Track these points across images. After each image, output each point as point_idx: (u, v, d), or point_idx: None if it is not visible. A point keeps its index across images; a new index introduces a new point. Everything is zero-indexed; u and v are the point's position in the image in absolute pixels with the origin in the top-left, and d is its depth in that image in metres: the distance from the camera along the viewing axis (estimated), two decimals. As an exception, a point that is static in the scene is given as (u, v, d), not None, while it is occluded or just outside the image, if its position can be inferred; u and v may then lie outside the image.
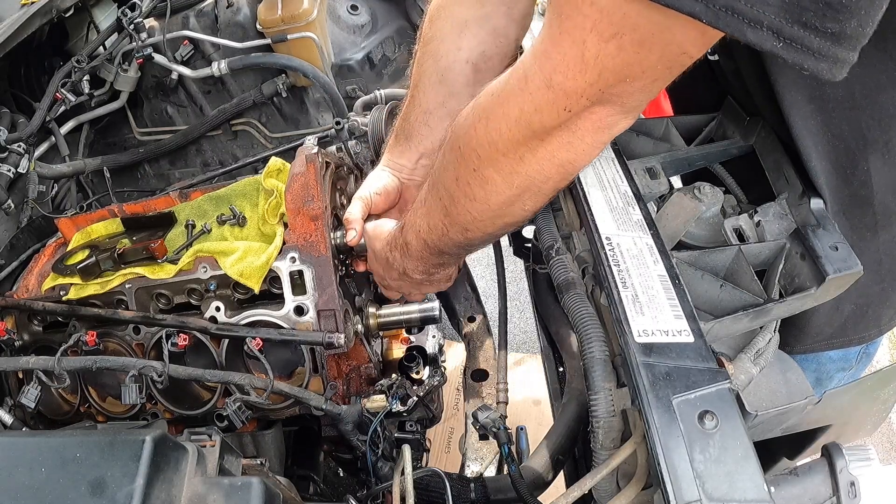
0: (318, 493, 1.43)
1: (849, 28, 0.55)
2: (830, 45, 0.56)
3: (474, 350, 1.61)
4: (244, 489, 0.74)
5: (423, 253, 1.02)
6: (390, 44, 2.14)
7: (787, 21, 0.55)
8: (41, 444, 0.74)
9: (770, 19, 0.55)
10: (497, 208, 0.87)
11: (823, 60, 0.56)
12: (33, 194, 1.66)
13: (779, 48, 0.56)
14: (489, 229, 0.92)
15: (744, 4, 0.55)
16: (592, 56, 0.65)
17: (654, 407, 0.71)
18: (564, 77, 0.69)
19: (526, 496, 1.00)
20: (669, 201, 0.99)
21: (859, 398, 0.98)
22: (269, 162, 1.27)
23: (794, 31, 0.55)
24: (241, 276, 1.17)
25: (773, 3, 0.54)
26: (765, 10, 0.55)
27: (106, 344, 1.25)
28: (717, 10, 0.56)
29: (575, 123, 0.74)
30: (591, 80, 0.67)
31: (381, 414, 1.16)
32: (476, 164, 0.83)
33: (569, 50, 0.67)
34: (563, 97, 0.70)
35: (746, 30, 0.56)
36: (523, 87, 0.73)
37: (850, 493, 0.80)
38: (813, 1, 0.54)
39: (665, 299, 0.82)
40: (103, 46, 2.00)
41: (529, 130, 0.76)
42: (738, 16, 0.55)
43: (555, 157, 0.78)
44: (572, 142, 0.76)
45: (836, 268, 0.92)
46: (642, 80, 0.67)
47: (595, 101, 0.70)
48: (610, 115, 0.73)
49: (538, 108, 0.73)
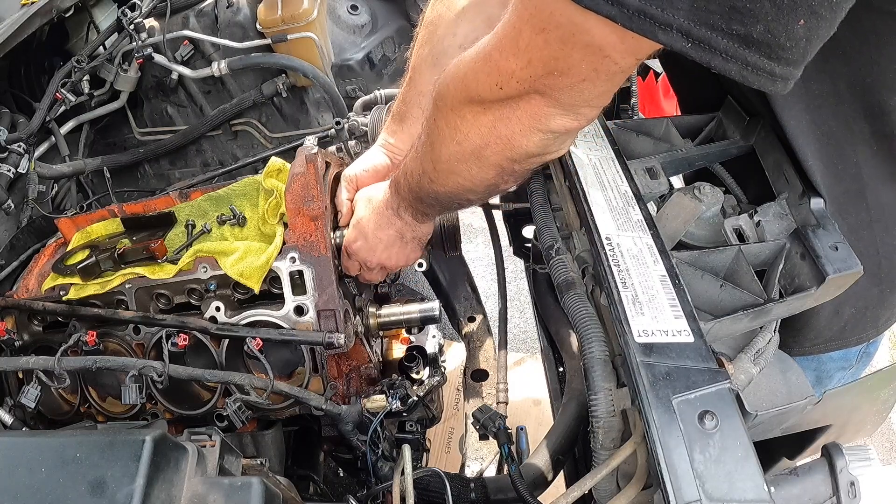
0: (318, 493, 1.43)
1: (755, 32, 0.58)
2: (737, 46, 0.60)
3: (474, 350, 1.61)
4: (244, 489, 0.74)
5: (408, 195, 1.07)
6: (390, 44, 2.14)
7: (694, 23, 0.59)
8: (41, 444, 0.74)
9: (679, 22, 0.59)
10: (446, 161, 0.93)
11: (732, 62, 0.61)
12: (33, 194, 1.66)
13: (687, 48, 0.60)
14: (447, 184, 0.97)
15: (655, 8, 0.59)
16: (525, 44, 0.72)
17: (654, 407, 0.71)
18: (500, 55, 0.76)
19: (526, 496, 1.00)
20: (669, 201, 0.99)
21: (859, 398, 0.98)
22: (269, 162, 1.28)
23: (702, 33, 0.59)
24: (241, 276, 1.17)
25: (683, 6, 0.58)
26: (674, 14, 0.59)
27: (106, 344, 1.25)
28: (631, 14, 0.60)
29: (514, 103, 0.80)
30: (521, 65, 0.74)
31: (381, 414, 1.16)
32: (434, 114, 0.91)
33: (509, 32, 0.74)
34: (496, 72, 0.77)
35: (658, 32, 0.60)
36: (474, 56, 0.81)
37: (850, 493, 0.80)
38: (720, 5, 0.57)
39: (665, 299, 0.82)
40: (103, 46, 2.00)
41: (466, 93, 0.83)
42: (650, 19, 0.60)
43: (494, 128, 0.84)
44: (510, 118, 0.82)
45: (836, 268, 0.92)
46: (569, 76, 0.72)
47: (529, 89, 0.76)
48: (546, 105, 0.78)
49: (476, 75, 0.81)
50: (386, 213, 1.14)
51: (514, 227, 1.88)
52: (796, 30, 0.59)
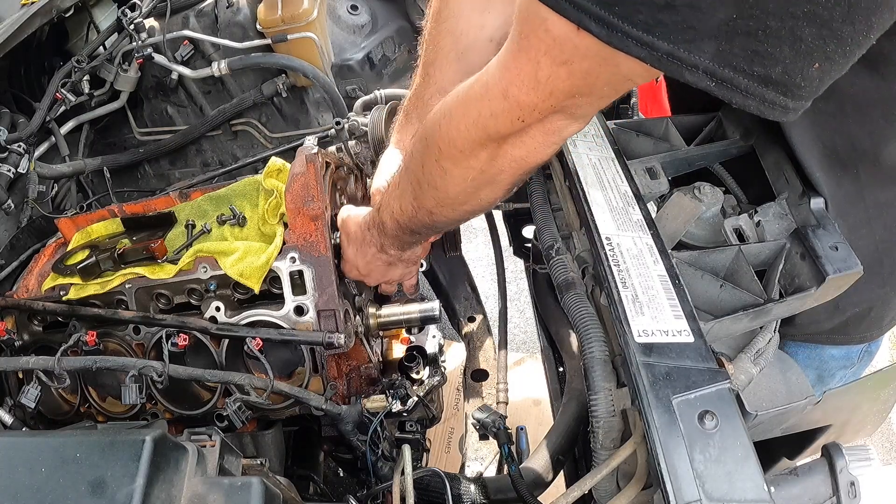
0: (318, 493, 1.43)
1: (774, 73, 0.62)
2: (757, 85, 0.63)
3: (474, 350, 1.61)
4: (244, 489, 0.74)
5: (397, 232, 1.07)
6: (390, 44, 2.14)
7: (719, 65, 0.62)
8: (41, 444, 0.74)
9: (705, 64, 0.62)
10: (455, 196, 0.92)
11: (751, 98, 0.64)
12: (33, 194, 1.66)
13: (712, 87, 0.63)
14: (452, 215, 0.97)
15: (683, 52, 0.61)
16: (545, 76, 0.71)
17: (654, 407, 0.71)
18: (519, 90, 0.74)
19: (526, 496, 1.00)
20: (669, 201, 0.99)
21: (859, 398, 0.98)
22: (269, 162, 1.27)
23: (725, 73, 0.62)
24: (241, 276, 1.17)
25: (708, 50, 0.61)
26: (700, 57, 0.61)
27: (106, 344, 1.25)
28: (661, 56, 0.62)
29: (534, 128, 0.80)
30: (543, 97, 0.73)
31: (381, 414, 1.16)
32: (437, 156, 0.89)
33: (525, 66, 0.72)
34: (517, 108, 0.76)
35: (685, 72, 0.63)
36: (483, 94, 0.79)
37: (850, 493, 0.80)
38: (742, 48, 0.61)
39: (665, 299, 0.82)
40: (103, 46, 1.99)
41: (485, 133, 0.81)
42: (678, 61, 0.62)
43: (507, 154, 0.83)
44: (526, 141, 0.81)
45: (836, 268, 0.92)
46: (590, 97, 0.73)
47: (550, 113, 0.76)
48: (560, 120, 0.78)
49: (494, 115, 0.79)
50: (370, 250, 1.14)
51: (514, 227, 1.88)
52: (811, 72, 0.62)
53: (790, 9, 0.58)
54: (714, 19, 0.59)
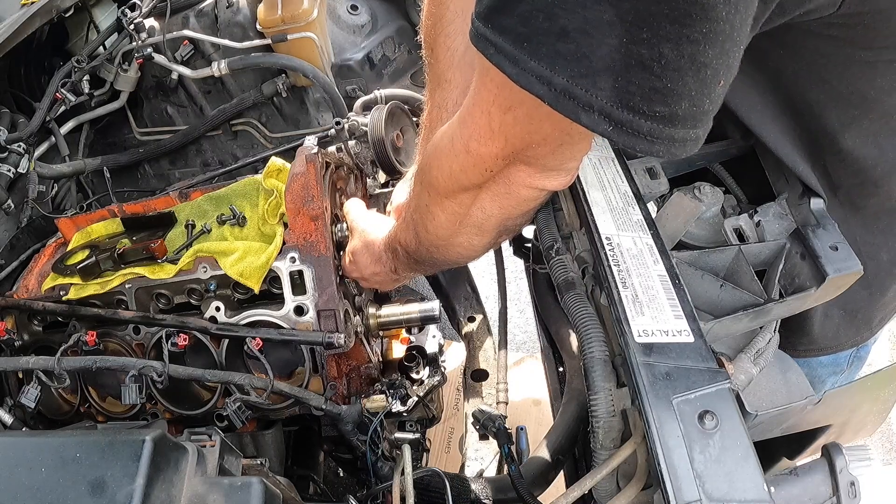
0: (318, 493, 1.43)
1: (680, 110, 0.56)
2: (663, 127, 0.57)
3: (474, 350, 1.61)
4: (244, 489, 0.74)
5: (407, 261, 1.07)
6: (390, 44, 2.14)
7: (615, 105, 0.56)
8: (41, 444, 0.74)
9: (601, 104, 0.56)
10: (446, 239, 0.93)
11: (658, 143, 0.58)
12: (33, 194, 1.66)
13: (609, 131, 0.57)
14: (447, 256, 0.97)
15: (579, 89, 0.56)
16: (497, 125, 0.71)
17: (654, 407, 0.71)
18: (478, 143, 0.74)
19: (526, 496, 1.00)
20: (669, 201, 0.99)
21: (859, 398, 0.98)
22: (269, 162, 1.27)
23: (623, 115, 0.56)
24: (241, 276, 1.17)
25: (605, 87, 0.55)
26: (597, 95, 0.56)
27: (106, 344, 1.25)
28: (557, 94, 0.57)
29: (505, 177, 0.80)
30: (500, 146, 0.73)
31: (381, 414, 1.16)
32: (427, 201, 0.90)
33: (479, 119, 0.72)
34: (480, 161, 0.77)
35: (581, 113, 0.57)
36: (450, 149, 0.80)
37: (850, 493, 0.80)
38: (639, 86, 0.55)
39: (665, 299, 0.82)
40: (103, 46, 1.99)
41: (460, 185, 0.83)
42: (574, 100, 0.57)
43: (494, 201, 0.83)
44: (509, 192, 0.81)
45: (836, 268, 0.92)
46: (546, 145, 0.71)
47: (514, 161, 0.76)
48: (534, 173, 0.78)
49: (463, 169, 0.80)
50: (382, 269, 1.14)
51: (514, 228, 1.88)
52: (717, 91, 0.58)
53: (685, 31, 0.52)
54: (605, 45, 0.54)
